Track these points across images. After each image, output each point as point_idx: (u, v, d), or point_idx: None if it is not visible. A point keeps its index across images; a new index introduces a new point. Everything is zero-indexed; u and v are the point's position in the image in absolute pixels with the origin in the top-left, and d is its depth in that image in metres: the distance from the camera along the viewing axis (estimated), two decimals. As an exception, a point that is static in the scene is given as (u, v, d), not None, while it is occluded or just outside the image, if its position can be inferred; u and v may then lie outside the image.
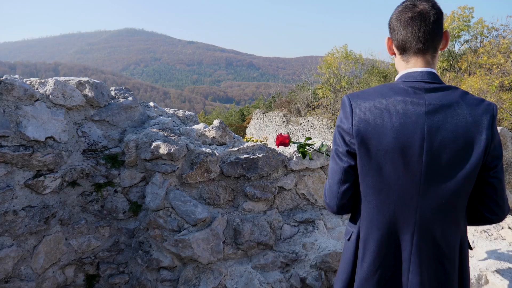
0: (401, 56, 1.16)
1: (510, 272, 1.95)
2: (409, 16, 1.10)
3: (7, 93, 1.73)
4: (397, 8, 1.15)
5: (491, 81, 13.60)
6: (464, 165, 1.08)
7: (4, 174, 1.72)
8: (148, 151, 1.95)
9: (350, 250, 1.24)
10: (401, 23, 1.12)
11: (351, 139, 1.12)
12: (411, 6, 1.10)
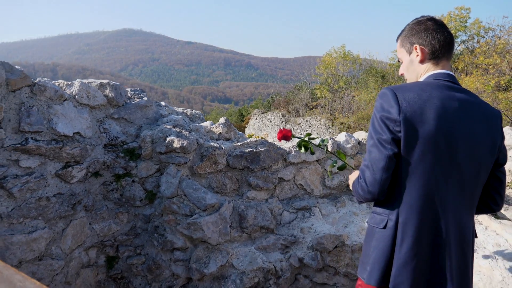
0: (432, 60, 1.34)
1: (484, 252, 2.20)
2: (443, 30, 1.34)
3: (40, 94, 1.97)
4: (426, 21, 1.36)
5: (487, 81, 13.77)
6: (487, 158, 1.24)
7: (38, 165, 1.96)
8: (163, 145, 2.19)
9: (388, 237, 1.26)
10: (439, 33, 1.33)
11: (396, 126, 1.20)
12: (441, 23, 1.36)
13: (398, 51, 1.49)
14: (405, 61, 1.45)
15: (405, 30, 1.44)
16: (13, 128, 1.88)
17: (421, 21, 1.40)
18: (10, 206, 1.87)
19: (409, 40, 1.41)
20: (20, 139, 1.89)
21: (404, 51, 1.44)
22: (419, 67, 1.38)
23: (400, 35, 1.46)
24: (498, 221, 2.44)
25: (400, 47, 1.46)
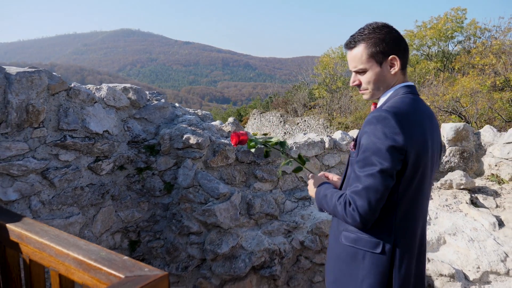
0: (401, 71, 1.36)
1: (462, 235, 2.50)
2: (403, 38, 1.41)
3: (75, 97, 2.26)
4: (393, 29, 1.37)
5: (483, 81, 14.02)
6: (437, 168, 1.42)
7: (74, 159, 2.26)
8: (180, 141, 2.49)
9: (386, 261, 1.26)
10: (405, 42, 1.38)
11: (401, 156, 1.20)
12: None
13: (360, 61, 1.37)
14: (373, 73, 1.36)
15: (370, 39, 1.35)
16: (53, 127, 2.17)
17: (385, 29, 1.36)
18: (51, 194, 2.17)
19: (381, 49, 1.34)
20: (59, 136, 2.19)
21: (372, 61, 1.35)
22: (391, 79, 1.37)
23: (362, 44, 1.36)
24: (476, 209, 2.74)
25: (365, 56, 1.35)
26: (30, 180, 2.08)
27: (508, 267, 2.27)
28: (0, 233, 1.59)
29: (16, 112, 1.99)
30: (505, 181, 3.06)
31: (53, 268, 1.40)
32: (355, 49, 1.37)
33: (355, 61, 1.38)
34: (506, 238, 2.44)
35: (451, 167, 3.20)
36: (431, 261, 2.35)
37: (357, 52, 1.36)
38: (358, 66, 1.37)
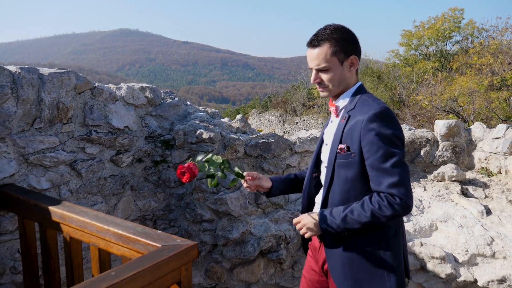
0: (355, 71, 1.53)
1: (453, 222, 2.73)
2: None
3: (98, 95, 2.47)
4: (350, 30, 1.50)
5: (481, 81, 14.21)
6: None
7: (98, 152, 2.47)
8: (194, 136, 2.70)
9: (399, 239, 1.49)
10: (361, 48, 1.53)
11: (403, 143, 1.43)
12: None
13: (324, 59, 1.45)
14: (335, 71, 1.46)
15: (334, 39, 1.44)
16: (80, 123, 2.38)
17: (346, 30, 1.48)
18: (78, 184, 2.38)
19: (343, 49, 1.45)
20: (85, 131, 2.40)
21: (335, 60, 1.45)
22: (350, 78, 1.50)
23: (326, 43, 1.44)
24: (466, 199, 2.97)
25: (329, 55, 1.44)
26: (60, 170, 2.29)
27: (494, 250, 2.49)
28: (42, 215, 1.80)
29: (48, 109, 2.20)
30: (493, 174, 3.28)
31: (93, 243, 1.62)
32: (319, 48, 1.45)
33: (319, 59, 1.45)
34: (492, 224, 2.67)
35: (444, 161, 3.43)
36: (424, 245, 2.57)
37: (321, 50, 1.45)
38: (322, 64, 1.45)
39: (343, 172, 1.47)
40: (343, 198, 1.48)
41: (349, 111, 1.49)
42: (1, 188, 2.00)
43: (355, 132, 1.42)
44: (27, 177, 2.15)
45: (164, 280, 1.31)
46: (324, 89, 1.52)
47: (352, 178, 1.46)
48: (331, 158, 1.50)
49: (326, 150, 1.58)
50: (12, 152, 2.09)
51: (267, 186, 1.73)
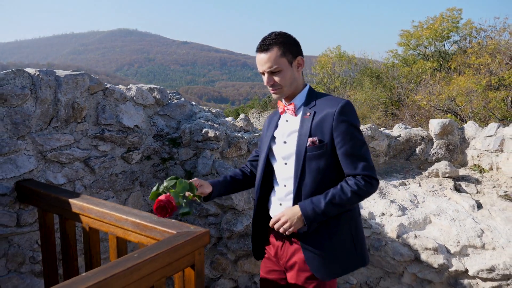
0: (302, 73, 1.69)
1: (445, 216, 2.87)
2: None
3: (110, 96, 2.61)
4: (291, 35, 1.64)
5: (479, 81, 14.32)
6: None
7: (110, 149, 2.61)
8: (200, 135, 2.85)
9: (361, 220, 1.74)
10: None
11: None
12: None
13: (275, 61, 1.58)
14: (286, 71, 1.60)
15: (281, 42, 1.59)
16: (93, 122, 2.53)
17: (289, 35, 1.63)
18: (92, 180, 2.52)
19: (290, 51, 1.60)
20: (98, 130, 2.54)
21: (284, 61, 1.59)
22: (299, 77, 1.66)
23: (275, 46, 1.57)
24: (459, 194, 3.12)
25: (279, 57, 1.57)
26: (75, 167, 2.43)
27: (484, 242, 2.64)
28: (62, 207, 1.94)
29: (64, 109, 2.34)
30: (485, 170, 3.43)
31: (111, 232, 1.76)
32: (269, 52, 1.58)
33: (270, 62, 1.58)
34: (483, 218, 2.81)
35: (438, 158, 3.57)
36: (418, 237, 2.71)
37: (271, 54, 1.57)
38: (274, 66, 1.58)
39: (315, 163, 1.59)
40: (316, 188, 1.59)
41: (311, 108, 1.63)
42: (22, 183, 2.14)
43: (326, 124, 1.57)
44: (44, 173, 2.29)
45: (180, 263, 1.45)
46: (278, 90, 1.64)
47: (324, 168, 1.59)
48: (300, 152, 1.59)
49: (283, 146, 1.69)
50: (31, 149, 2.23)
51: (208, 191, 1.77)
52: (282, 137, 1.72)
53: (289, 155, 1.66)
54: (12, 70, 2.17)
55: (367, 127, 3.54)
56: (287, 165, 1.67)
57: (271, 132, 1.77)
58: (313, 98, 1.67)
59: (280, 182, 1.72)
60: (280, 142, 1.73)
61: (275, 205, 1.75)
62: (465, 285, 2.60)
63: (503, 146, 3.29)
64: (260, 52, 1.60)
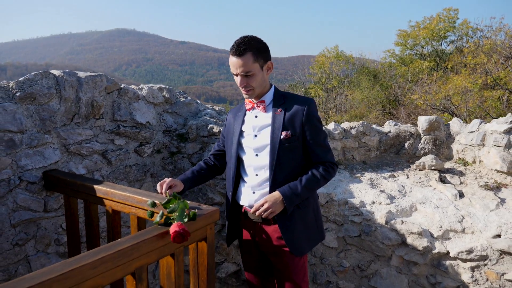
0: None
1: (430, 203, 3.14)
2: None
3: (124, 95, 2.88)
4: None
5: (475, 80, 14.56)
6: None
7: (125, 143, 2.87)
8: (205, 130, 3.11)
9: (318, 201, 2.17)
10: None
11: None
12: None
13: (248, 66, 1.75)
14: (258, 75, 1.79)
15: (254, 48, 1.75)
16: (110, 118, 2.79)
17: (261, 40, 1.81)
18: (108, 171, 2.79)
19: (262, 57, 1.79)
20: (114, 125, 2.81)
21: (257, 66, 1.78)
22: (267, 79, 1.89)
23: (249, 52, 1.74)
24: (443, 184, 3.39)
25: (252, 62, 1.75)
26: (94, 159, 2.70)
27: (464, 226, 2.91)
28: (87, 193, 2.21)
29: (85, 107, 2.60)
30: (469, 163, 3.70)
31: (133, 213, 2.02)
32: (244, 57, 1.74)
33: (245, 66, 1.75)
34: (464, 205, 3.08)
35: (426, 153, 3.84)
36: (404, 223, 2.98)
37: (246, 59, 1.74)
38: (246, 70, 1.75)
39: (288, 154, 1.84)
40: (289, 175, 1.85)
41: (281, 105, 1.87)
42: (49, 173, 2.40)
43: (297, 119, 1.82)
44: (68, 164, 2.56)
45: (194, 236, 1.71)
46: (249, 91, 1.83)
47: (295, 157, 1.86)
48: (275, 144, 1.82)
49: (254, 139, 1.90)
50: (56, 143, 2.50)
51: (181, 189, 1.95)
52: (252, 131, 1.92)
53: (261, 147, 1.88)
54: (39, 72, 2.43)
55: (359, 123, 3.81)
56: (259, 157, 1.89)
57: (239, 127, 1.97)
58: (280, 96, 1.91)
59: (251, 172, 1.93)
60: (250, 135, 1.93)
61: (247, 193, 1.94)
62: (447, 266, 2.87)
63: (484, 141, 3.56)
64: (235, 56, 1.76)
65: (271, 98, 1.92)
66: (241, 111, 2.02)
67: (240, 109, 2.05)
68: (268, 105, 1.91)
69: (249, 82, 1.79)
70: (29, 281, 1.12)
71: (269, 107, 1.91)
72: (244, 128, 1.96)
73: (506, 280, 2.72)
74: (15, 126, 2.26)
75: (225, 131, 2.10)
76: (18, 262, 2.36)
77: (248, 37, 1.78)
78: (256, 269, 2.11)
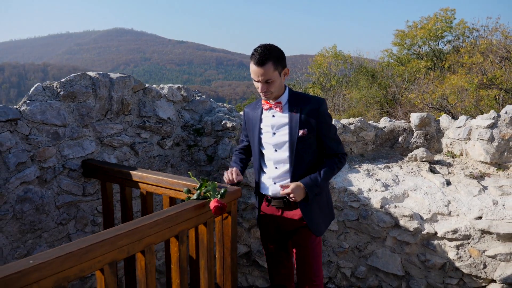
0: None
1: (420, 190, 3.51)
2: None
3: (148, 94, 3.23)
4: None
5: (471, 79, 14.86)
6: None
7: (149, 137, 3.23)
8: (220, 125, 3.47)
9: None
10: None
11: None
12: None
13: (269, 74, 1.92)
14: (277, 81, 1.97)
15: (274, 57, 1.92)
16: (136, 114, 3.15)
17: (279, 48, 1.97)
18: (135, 161, 3.15)
19: (281, 64, 1.97)
20: (140, 121, 3.16)
21: (276, 74, 1.96)
22: (283, 83, 2.08)
23: (270, 61, 1.90)
24: (433, 174, 3.76)
25: (273, 70, 1.93)
26: (123, 150, 3.06)
27: (450, 210, 3.28)
28: (123, 177, 2.56)
29: (116, 104, 2.96)
30: (457, 156, 4.07)
31: (165, 194, 2.38)
32: (265, 66, 1.91)
33: (266, 75, 1.93)
34: (450, 192, 3.46)
35: (417, 146, 4.21)
36: (397, 207, 3.35)
37: (267, 68, 1.92)
38: (267, 78, 1.94)
39: (305, 149, 2.08)
40: (306, 168, 2.12)
41: (295, 105, 2.07)
42: (87, 161, 2.76)
43: (311, 118, 2.04)
44: (101, 154, 2.92)
45: (221, 209, 2.07)
46: (269, 95, 2.03)
47: (311, 152, 2.12)
48: (293, 141, 2.06)
49: (273, 136, 2.13)
50: (92, 136, 2.85)
51: (242, 176, 2.24)
52: (270, 129, 2.14)
53: (280, 143, 2.12)
54: (78, 74, 2.79)
55: (357, 119, 4.17)
56: (277, 152, 2.13)
57: (257, 124, 2.19)
58: (294, 97, 2.11)
59: (271, 166, 2.19)
60: (268, 133, 2.15)
61: (269, 183, 2.22)
62: (435, 245, 3.25)
63: (470, 135, 3.93)
64: (257, 66, 1.93)
65: (287, 99, 2.11)
66: (257, 108, 2.23)
67: (256, 107, 2.25)
68: (284, 105, 2.11)
69: (269, 88, 1.97)
70: (103, 236, 1.48)
71: (285, 107, 2.10)
72: (262, 126, 2.18)
73: (486, 256, 3.10)
74: (59, 120, 2.62)
75: (246, 125, 2.34)
76: (62, 239, 2.72)
77: (267, 46, 1.95)
78: (276, 245, 2.33)
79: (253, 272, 3.69)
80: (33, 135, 2.50)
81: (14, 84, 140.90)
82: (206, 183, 2.01)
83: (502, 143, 3.67)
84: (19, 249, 2.49)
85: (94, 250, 1.41)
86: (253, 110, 2.27)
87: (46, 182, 2.59)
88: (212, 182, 2.04)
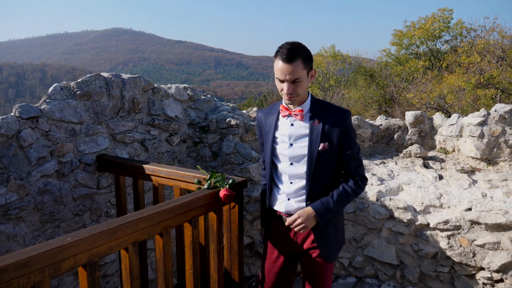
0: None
1: (414, 184, 3.71)
2: None
3: (157, 93, 3.42)
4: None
5: (468, 79, 15.03)
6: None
7: (158, 134, 3.42)
8: (224, 123, 3.67)
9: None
10: None
11: None
12: None
13: (298, 73, 1.68)
14: (304, 82, 1.74)
15: (303, 55, 1.69)
16: (146, 113, 3.34)
17: (307, 48, 1.73)
18: (145, 156, 3.34)
19: (309, 64, 1.74)
20: (150, 119, 3.36)
21: (305, 73, 1.72)
22: (308, 87, 1.81)
23: (299, 58, 1.67)
24: (426, 169, 3.96)
25: (302, 69, 1.69)
26: (134, 146, 3.25)
27: (441, 202, 3.48)
28: (136, 171, 2.75)
29: (128, 103, 3.15)
30: (449, 152, 4.28)
31: (176, 185, 2.57)
32: (294, 63, 1.67)
33: (295, 73, 1.68)
34: (442, 185, 3.66)
35: (412, 143, 4.42)
36: (392, 200, 3.55)
37: (296, 65, 1.67)
38: (295, 76, 1.69)
39: (325, 165, 1.82)
40: (324, 186, 1.84)
41: (318, 115, 1.82)
42: (101, 156, 2.95)
43: (334, 131, 1.78)
44: (114, 150, 3.11)
45: (229, 199, 2.26)
46: (294, 98, 1.77)
47: (331, 169, 1.85)
48: (312, 155, 1.79)
49: (290, 148, 1.87)
50: (106, 132, 3.04)
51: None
52: (287, 139, 1.88)
53: (297, 156, 1.85)
54: (93, 74, 2.98)
55: (354, 117, 4.37)
56: (294, 166, 1.86)
57: (272, 132, 1.93)
58: (317, 105, 1.85)
59: (285, 180, 1.92)
60: (284, 143, 1.88)
61: (282, 199, 1.95)
62: (428, 235, 3.45)
63: (462, 132, 4.14)
64: (285, 62, 1.68)
65: (309, 107, 1.85)
66: (272, 114, 1.97)
67: (271, 112, 1.98)
68: (305, 113, 1.85)
69: (296, 89, 1.73)
70: (128, 218, 1.68)
71: (306, 116, 1.84)
72: (278, 135, 1.92)
73: (476, 246, 3.30)
74: (76, 118, 2.81)
75: (262, 132, 2.09)
76: (78, 228, 2.91)
77: (296, 43, 1.74)
78: (280, 268, 2.06)
79: (256, 262, 3.88)
80: (52, 132, 2.68)
81: (13, 84, 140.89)
82: (215, 175, 2.18)
83: (491, 139, 3.87)
84: (39, 238, 2.68)
85: (121, 230, 1.61)
86: (267, 115, 2.01)
87: (64, 175, 2.78)
88: (220, 173, 2.23)
